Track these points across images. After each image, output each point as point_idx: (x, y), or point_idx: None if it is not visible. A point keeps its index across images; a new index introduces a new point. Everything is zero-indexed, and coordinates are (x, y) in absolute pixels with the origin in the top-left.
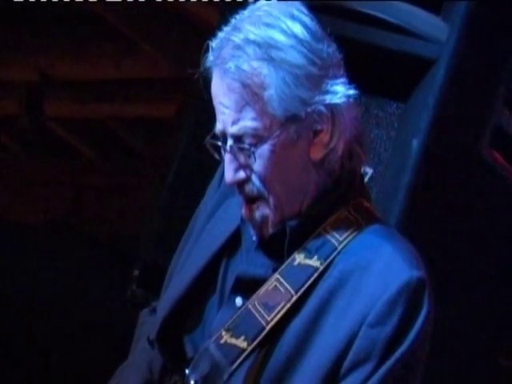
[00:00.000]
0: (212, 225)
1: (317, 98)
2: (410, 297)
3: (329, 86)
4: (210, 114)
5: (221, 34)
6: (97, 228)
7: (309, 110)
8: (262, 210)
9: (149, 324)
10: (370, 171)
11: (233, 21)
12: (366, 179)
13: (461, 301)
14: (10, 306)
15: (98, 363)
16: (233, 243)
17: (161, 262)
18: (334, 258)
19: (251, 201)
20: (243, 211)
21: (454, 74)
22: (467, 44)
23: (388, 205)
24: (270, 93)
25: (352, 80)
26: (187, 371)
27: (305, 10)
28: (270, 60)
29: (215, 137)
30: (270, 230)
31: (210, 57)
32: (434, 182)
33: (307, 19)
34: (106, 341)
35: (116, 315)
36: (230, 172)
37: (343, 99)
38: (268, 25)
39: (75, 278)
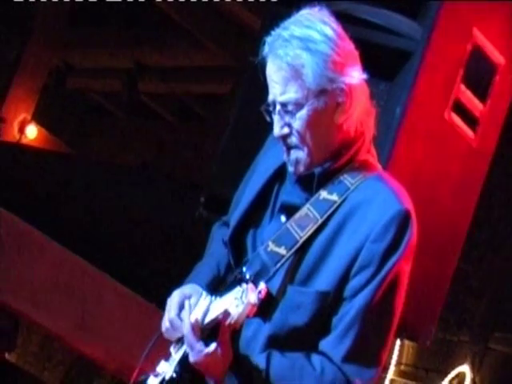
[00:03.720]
0: (266, 158)
1: (340, 79)
2: (400, 223)
3: (348, 70)
4: (254, 90)
5: (274, 32)
6: (174, 169)
7: (334, 86)
8: (297, 155)
9: (219, 233)
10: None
11: (284, 23)
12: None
13: None
14: (112, 223)
15: (175, 265)
16: (283, 174)
17: (219, 192)
18: (347, 195)
19: (290, 148)
20: (284, 155)
21: (425, 62)
22: (436, 41)
23: (379, 152)
24: (307, 72)
25: None
26: (244, 269)
27: (332, 18)
28: (308, 50)
29: (268, 104)
30: (302, 169)
31: (266, 48)
32: (411, 137)
33: (334, 24)
34: (180, 248)
35: (187, 230)
36: (277, 128)
37: (358, 81)
38: (307, 26)
39: (159, 203)
